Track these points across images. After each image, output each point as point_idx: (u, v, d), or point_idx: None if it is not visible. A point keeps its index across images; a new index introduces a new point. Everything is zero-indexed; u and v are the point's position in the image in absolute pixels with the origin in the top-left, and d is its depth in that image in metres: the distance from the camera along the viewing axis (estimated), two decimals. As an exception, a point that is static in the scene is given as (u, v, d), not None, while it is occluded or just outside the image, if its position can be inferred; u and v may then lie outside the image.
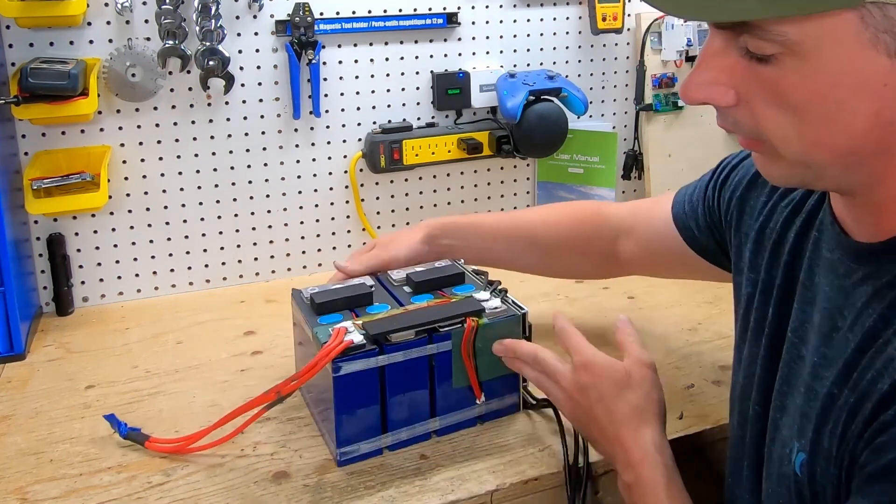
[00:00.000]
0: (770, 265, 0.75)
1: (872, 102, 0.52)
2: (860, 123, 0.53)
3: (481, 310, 0.90)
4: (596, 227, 1.08)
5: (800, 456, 0.63)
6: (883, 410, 0.53)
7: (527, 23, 1.49)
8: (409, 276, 0.99)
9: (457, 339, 0.88)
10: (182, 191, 1.34)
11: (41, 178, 1.19)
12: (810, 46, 0.51)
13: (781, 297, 0.73)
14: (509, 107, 1.41)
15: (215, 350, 1.14)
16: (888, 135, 0.54)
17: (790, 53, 0.52)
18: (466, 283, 0.99)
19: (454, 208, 1.52)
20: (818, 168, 0.57)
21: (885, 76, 0.51)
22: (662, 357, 1.08)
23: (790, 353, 0.69)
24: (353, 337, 0.84)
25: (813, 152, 0.56)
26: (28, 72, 1.12)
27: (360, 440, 0.86)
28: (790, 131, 0.55)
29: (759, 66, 0.54)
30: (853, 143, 0.54)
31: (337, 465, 0.86)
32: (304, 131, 1.39)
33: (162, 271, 1.35)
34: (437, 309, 0.90)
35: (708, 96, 0.57)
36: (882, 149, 0.55)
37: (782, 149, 0.57)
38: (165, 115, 1.30)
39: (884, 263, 0.59)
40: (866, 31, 0.50)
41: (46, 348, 1.17)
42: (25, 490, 0.84)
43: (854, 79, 0.51)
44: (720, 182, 0.88)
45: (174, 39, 1.25)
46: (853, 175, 0.57)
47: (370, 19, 1.38)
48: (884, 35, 0.50)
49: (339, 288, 0.96)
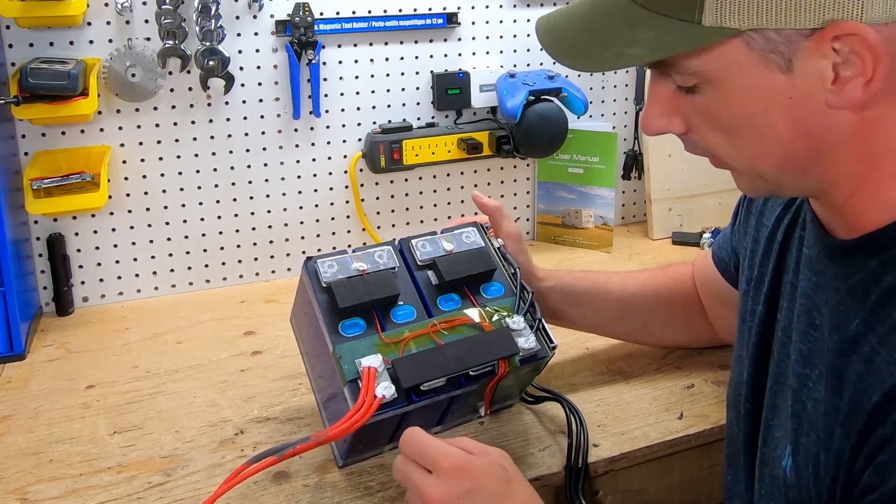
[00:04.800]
0: (762, 261, 0.77)
1: (786, 114, 0.57)
2: (783, 134, 0.58)
3: (516, 353, 0.82)
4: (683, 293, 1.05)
5: (788, 459, 0.64)
6: (879, 424, 0.54)
7: (527, 23, 1.49)
8: (435, 260, 0.88)
9: (486, 380, 0.82)
10: (182, 191, 1.34)
11: (41, 178, 1.19)
12: (716, 74, 0.57)
13: (770, 294, 0.73)
14: (509, 107, 1.41)
15: (215, 350, 1.14)
16: (813, 141, 0.58)
17: (706, 81, 0.58)
18: (495, 279, 0.90)
19: (454, 208, 1.52)
20: (771, 178, 0.62)
21: (787, 90, 0.56)
22: (662, 357, 1.08)
23: (780, 353, 0.70)
24: (385, 391, 0.76)
25: (756, 165, 0.61)
26: (28, 72, 1.12)
27: (365, 452, 0.86)
28: (731, 149, 0.61)
29: (690, 95, 0.60)
30: (785, 152, 0.59)
31: (338, 468, 0.86)
32: (304, 131, 1.39)
33: (162, 271, 1.35)
34: (471, 347, 0.81)
35: (662, 127, 0.63)
36: (815, 154, 0.59)
37: (732, 165, 0.63)
38: (165, 115, 1.30)
39: (856, 261, 0.60)
40: (754, 54, 0.55)
41: (46, 348, 1.17)
42: (25, 490, 0.84)
43: (762, 96, 0.57)
44: (745, 198, 0.89)
45: (174, 39, 1.25)
46: (806, 181, 0.61)
47: (370, 19, 1.38)
48: (771, 55, 0.55)
49: (359, 279, 0.84)
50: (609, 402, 0.98)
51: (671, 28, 0.56)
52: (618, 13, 0.59)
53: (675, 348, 1.09)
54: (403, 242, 0.90)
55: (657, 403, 0.97)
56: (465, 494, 0.66)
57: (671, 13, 0.56)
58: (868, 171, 0.59)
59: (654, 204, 1.55)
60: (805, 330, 0.65)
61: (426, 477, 0.68)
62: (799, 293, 0.67)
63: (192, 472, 0.86)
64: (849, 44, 0.53)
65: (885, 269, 0.58)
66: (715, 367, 1.05)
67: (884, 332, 0.56)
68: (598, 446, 0.89)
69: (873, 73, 0.54)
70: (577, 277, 1.02)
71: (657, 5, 0.56)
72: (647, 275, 1.06)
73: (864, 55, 0.53)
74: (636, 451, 0.89)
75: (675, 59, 0.58)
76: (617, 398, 0.99)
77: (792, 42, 0.54)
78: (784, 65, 0.55)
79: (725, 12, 0.54)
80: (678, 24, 0.56)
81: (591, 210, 1.53)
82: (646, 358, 1.08)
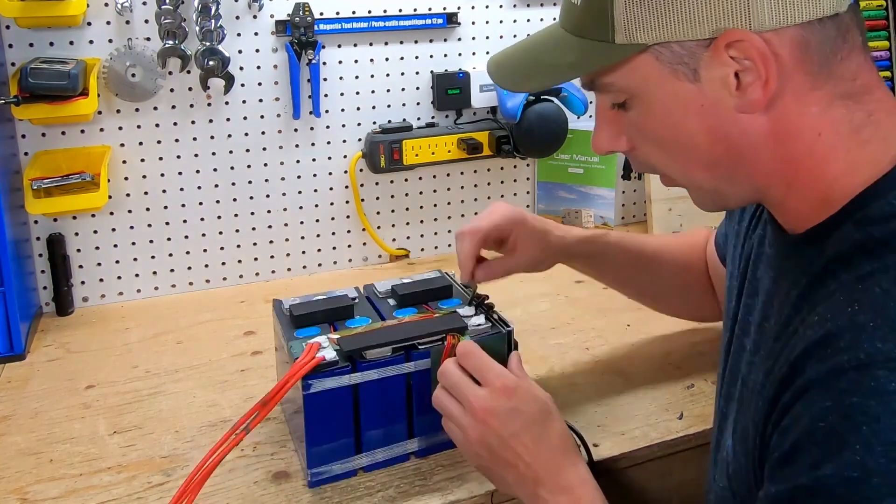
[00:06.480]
0: (735, 255, 0.80)
1: (701, 121, 0.61)
2: (701, 140, 0.62)
3: (464, 327, 0.86)
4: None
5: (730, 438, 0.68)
6: (785, 390, 0.56)
7: (527, 23, 1.49)
8: (393, 287, 0.96)
9: (436, 356, 0.83)
10: (182, 191, 1.34)
11: (41, 178, 1.19)
12: (636, 88, 0.63)
13: (738, 288, 0.76)
14: (509, 107, 1.41)
15: (215, 350, 1.14)
16: (731, 145, 0.62)
17: (632, 97, 0.64)
18: (454, 296, 0.96)
19: (454, 208, 1.52)
20: (709, 188, 0.66)
21: (698, 98, 0.61)
22: (662, 357, 1.08)
23: (735, 345, 0.73)
24: (326, 353, 0.80)
25: (689, 175, 0.66)
26: (28, 72, 1.12)
27: (332, 461, 0.83)
28: (667, 161, 0.66)
29: (624, 112, 0.65)
30: (707, 158, 0.63)
31: (308, 487, 0.82)
32: (303, 131, 1.39)
33: (162, 271, 1.35)
34: (417, 324, 0.87)
35: (609, 146, 0.69)
36: (736, 159, 0.62)
37: (674, 179, 0.67)
38: (165, 115, 1.30)
39: (804, 254, 0.62)
40: (664, 66, 0.60)
41: (46, 348, 1.17)
42: (25, 490, 0.84)
43: (678, 106, 0.61)
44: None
45: (174, 39, 1.25)
46: (739, 187, 0.65)
47: (370, 19, 1.38)
48: (679, 66, 0.60)
49: (320, 300, 0.93)
50: (609, 402, 0.98)
51: (590, 48, 0.63)
52: (552, 42, 0.67)
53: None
54: (366, 287, 1.00)
55: (657, 403, 0.97)
56: (508, 412, 0.74)
57: (590, 35, 0.63)
58: (793, 173, 0.62)
59: (654, 204, 1.55)
60: (760, 322, 0.68)
61: (477, 389, 0.76)
62: (760, 290, 0.70)
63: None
64: (741, 50, 0.58)
65: (818, 257, 0.60)
66: (715, 366, 1.05)
67: (805, 313, 0.58)
68: (598, 446, 0.89)
69: (766, 75, 0.58)
70: (596, 240, 1.00)
71: (580, 30, 0.64)
72: (665, 239, 1.08)
73: (756, 59, 0.58)
74: (636, 451, 0.89)
75: (599, 78, 0.64)
76: (617, 398, 0.99)
77: (694, 53, 0.59)
78: (691, 75, 0.60)
79: (633, 29, 0.60)
80: (596, 44, 0.62)
81: (591, 210, 1.53)
82: (646, 358, 1.08)
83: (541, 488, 0.73)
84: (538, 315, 1.23)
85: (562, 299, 1.28)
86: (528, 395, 0.76)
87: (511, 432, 0.74)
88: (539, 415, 0.76)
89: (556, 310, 1.25)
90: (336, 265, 1.46)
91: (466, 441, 0.76)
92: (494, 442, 0.74)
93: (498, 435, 0.74)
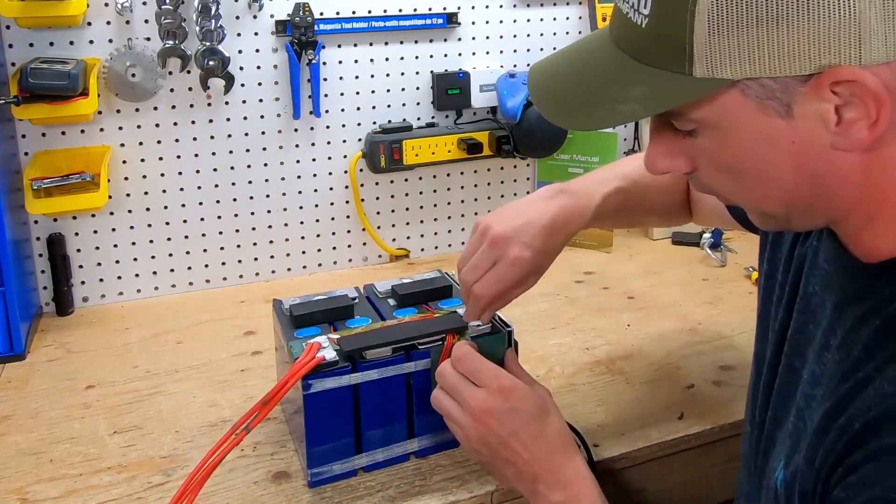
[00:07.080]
0: (776, 258, 0.76)
1: (789, 158, 0.55)
2: (788, 177, 0.57)
3: (464, 327, 0.86)
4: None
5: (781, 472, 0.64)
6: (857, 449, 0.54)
7: (527, 23, 1.49)
8: (393, 287, 0.96)
9: (436, 356, 0.84)
10: (182, 191, 1.33)
11: (41, 178, 1.19)
12: (715, 120, 0.56)
13: (789, 299, 0.72)
14: (509, 107, 1.41)
15: (215, 350, 1.14)
16: (819, 182, 0.57)
17: (704, 127, 0.57)
18: (454, 296, 0.96)
19: (454, 208, 1.52)
20: (780, 217, 0.61)
21: (788, 135, 0.54)
22: (662, 357, 1.08)
23: (787, 362, 0.70)
24: (326, 353, 0.80)
25: (763, 205, 0.61)
26: (28, 72, 1.12)
27: (332, 461, 0.83)
28: (737, 190, 0.61)
29: (690, 138, 0.59)
30: (790, 194, 0.58)
31: (308, 487, 0.83)
32: (304, 131, 1.39)
33: (162, 271, 1.35)
34: (417, 325, 0.87)
35: (667, 167, 0.63)
36: (822, 195, 0.57)
37: (740, 204, 0.63)
38: (165, 115, 1.30)
39: (875, 286, 0.59)
40: (751, 101, 0.54)
41: (46, 348, 1.17)
42: (25, 490, 0.84)
43: (763, 141, 0.55)
44: None
45: (174, 39, 1.25)
46: (814, 218, 0.61)
47: (370, 19, 1.38)
48: (769, 101, 0.54)
49: (320, 300, 0.94)
50: (609, 402, 0.98)
51: (662, 81, 0.55)
52: (610, 67, 0.59)
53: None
54: (366, 286, 1.00)
55: (657, 403, 0.97)
56: (505, 412, 0.75)
57: (660, 65, 0.55)
58: (879, 207, 0.58)
59: (654, 204, 1.55)
60: (820, 351, 0.64)
61: (474, 390, 0.77)
62: (819, 311, 0.66)
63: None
64: (848, 88, 0.52)
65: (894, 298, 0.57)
66: (715, 366, 1.05)
67: (881, 361, 0.55)
68: (598, 446, 0.89)
69: (877, 115, 0.52)
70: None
71: (647, 57, 0.56)
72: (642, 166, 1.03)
73: (865, 99, 0.52)
74: (636, 451, 0.89)
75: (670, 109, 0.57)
76: (617, 398, 0.99)
77: (789, 88, 0.53)
78: (783, 110, 0.54)
79: (716, 63, 0.53)
80: (669, 76, 0.55)
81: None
82: (646, 358, 1.08)
83: (539, 484, 0.75)
84: (538, 315, 1.23)
85: (561, 299, 1.28)
86: (524, 393, 0.77)
87: (509, 431, 0.75)
88: (536, 412, 0.77)
89: (555, 310, 1.25)
90: (336, 265, 1.46)
91: (467, 440, 0.78)
92: (493, 441, 0.76)
93: (496, 434, 0.76)
